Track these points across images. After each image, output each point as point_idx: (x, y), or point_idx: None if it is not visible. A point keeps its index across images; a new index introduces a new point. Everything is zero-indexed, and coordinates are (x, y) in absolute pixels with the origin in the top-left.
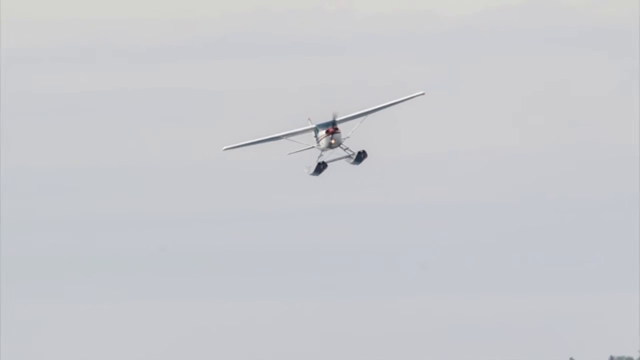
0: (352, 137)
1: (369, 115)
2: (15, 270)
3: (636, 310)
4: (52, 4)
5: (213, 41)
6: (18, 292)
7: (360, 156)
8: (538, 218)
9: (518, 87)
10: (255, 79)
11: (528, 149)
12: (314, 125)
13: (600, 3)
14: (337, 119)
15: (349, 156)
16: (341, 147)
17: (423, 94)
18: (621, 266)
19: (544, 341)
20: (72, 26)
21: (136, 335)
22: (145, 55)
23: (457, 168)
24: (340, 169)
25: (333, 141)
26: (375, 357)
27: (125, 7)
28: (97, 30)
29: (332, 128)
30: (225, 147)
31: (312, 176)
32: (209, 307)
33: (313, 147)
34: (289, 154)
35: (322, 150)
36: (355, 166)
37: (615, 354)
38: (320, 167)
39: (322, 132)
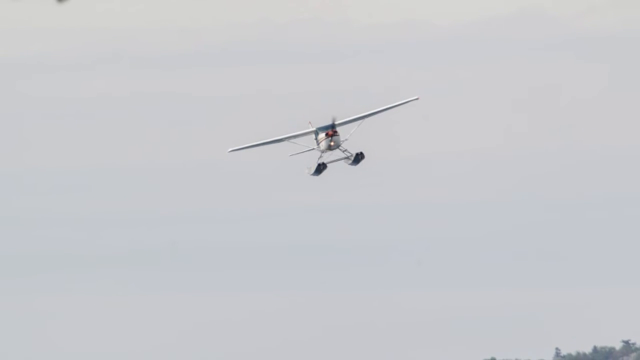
0: (350, 139)
1: (366, 119)
2: (24, 266)
3: (619, 303)
4: (63, 15)
5: (218, 49)
6: (28, 286)
7: (358, 157)
8: (526, 216)
9: (509, 91)
10: (259, 85)
11: (519, 151)
12: (314, 129)
13: (585, 14)
14: (336, 123)
15: (348, 157)
16: (340, 149)
17: (417, 98)
18: (605, 261)
19: (530, 332)
20: (85, 35)
21: (143, 327)
22: (155, 61)
23: (451, 169)
24: (339, 169)
25: (332, 143)
26: (372, 348)
27: (138, 17)
28: (109, 39)
29: (331, 131)
30: (231, 149)
31: (312, 176)
32: (213, 301)
33: (313, 149)
34: (291, 155)
35: (322, 152)
36: (353, 167)
37: (599, 345)
38: (320, 168)
39: (322, 135)
